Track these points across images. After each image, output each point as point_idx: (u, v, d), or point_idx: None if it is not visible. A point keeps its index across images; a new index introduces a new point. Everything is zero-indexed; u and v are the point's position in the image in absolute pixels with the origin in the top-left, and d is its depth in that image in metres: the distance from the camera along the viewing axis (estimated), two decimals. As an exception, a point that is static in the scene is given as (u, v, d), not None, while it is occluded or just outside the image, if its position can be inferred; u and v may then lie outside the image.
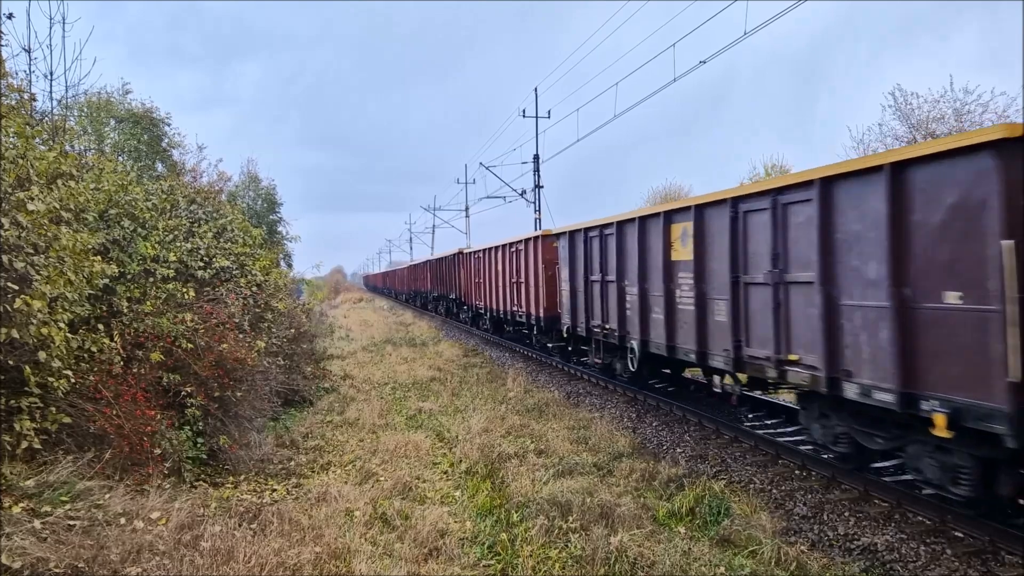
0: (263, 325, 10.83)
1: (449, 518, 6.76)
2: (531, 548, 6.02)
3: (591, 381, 14.95)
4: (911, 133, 21.51)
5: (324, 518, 6.50)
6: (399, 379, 15.92)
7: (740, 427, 9.97)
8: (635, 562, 5.65)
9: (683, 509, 6.99)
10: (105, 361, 6.82)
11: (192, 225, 10.21)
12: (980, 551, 5.90)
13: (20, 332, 5.35)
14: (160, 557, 5.05)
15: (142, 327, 7.58)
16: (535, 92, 31.82)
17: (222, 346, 8.21)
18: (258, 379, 9.30)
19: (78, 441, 6.38)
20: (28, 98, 7.36)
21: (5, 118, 5.95)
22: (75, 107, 14.73)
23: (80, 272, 6.19)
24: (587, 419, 11.34)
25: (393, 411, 12.29)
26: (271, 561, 5.26)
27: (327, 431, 10.65)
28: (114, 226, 8.06)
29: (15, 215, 5.47)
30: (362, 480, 7.99)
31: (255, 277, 10.97)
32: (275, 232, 26.37)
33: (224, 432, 8.13)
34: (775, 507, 7.29)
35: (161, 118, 17.73)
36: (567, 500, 6.95)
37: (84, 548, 4.85)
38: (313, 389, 13.45)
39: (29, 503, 5.25)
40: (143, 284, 8.04)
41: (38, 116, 8.95)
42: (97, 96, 16.68)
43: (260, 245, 12.77)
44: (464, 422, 11.03)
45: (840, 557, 6.02)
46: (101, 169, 8.78)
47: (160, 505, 5.91)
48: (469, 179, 50.96)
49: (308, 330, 16.48)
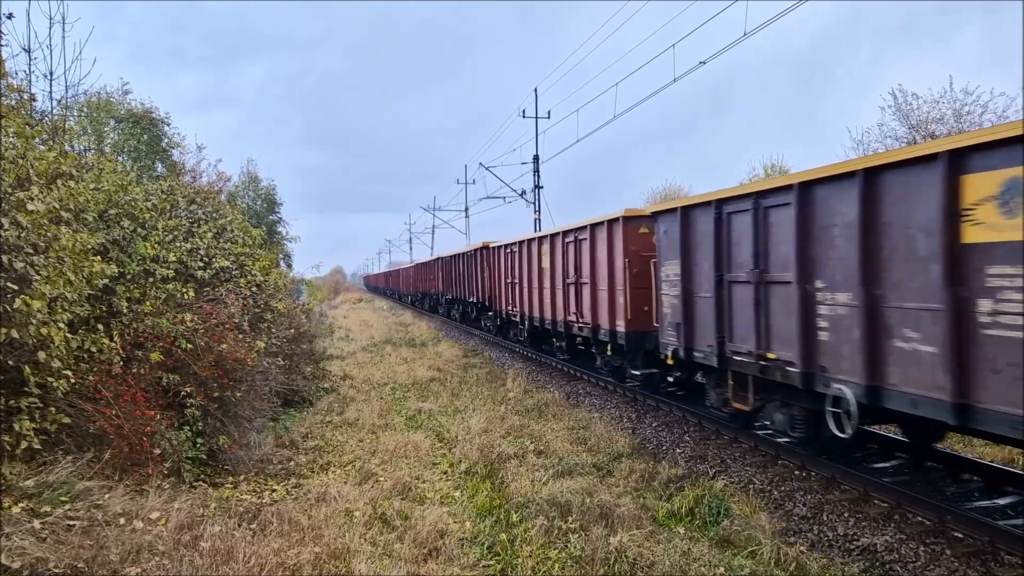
0: (263, 325, 10.83)
1: (449, 518, 6.76)
2: (531, 548, 6.02)
3: (591, 381, 14.93)
4: (911, 134, 21.52)
5: (324, 518, 6.49)
6: (399, 379, 15.92)
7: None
8: (635, 562, 5.65)
9: (683, 509, 7.00)
10: (105, 361, 6.82)
11: (192, 225, 10.22)
12: (979, 551, 5.89)
13: (20, 332, 5.35)
14: (160, 557, 5.04)
15: (142, 327, 7.58)
16: (535, 92, 31.88)
17: (222, 346, 8.21)
18: (258, 379, 9.30)
19: (78, 441, 6.38)
20: (28, 98, 7.37)
21: (5, 118, 5.95)
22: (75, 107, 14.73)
23: (80, 272, 6.19)
24: (587, 419, 11.34)
25: (393, 411, 12.29)
26: (271, 561, 5.26)
27: (327, 431, 10.66)
28: (114, 226, 8.06)
29: (15, 215, 5.47)
30: (362, 480, 7.99)
31: (255, 277, 10.97)
32: (275, 232, 26.38)
33: (224, 432, 8.13)
34: (775, 507, 7.29)
35: (161, 118, 17.73)
36: (567, 500, 6.96)
37: (84, 548, 4.85)
38: (313, 389, 13.45)
39: (29, 503, 5.25)
40: (143, 284, 8.04)
41: (38, 116, 8.95)
42: (97, 96, 16.67)
43: (260, 245, 12.77)
44: (464, 422, 11.03)
45: (840, 557, 6.02)
46: (101, 169, 8.78)
47: (160, 505, 5.91)
48: (469, 179, 51.02)
49: (308, 330, 16.49)
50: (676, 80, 16.69)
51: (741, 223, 8.62)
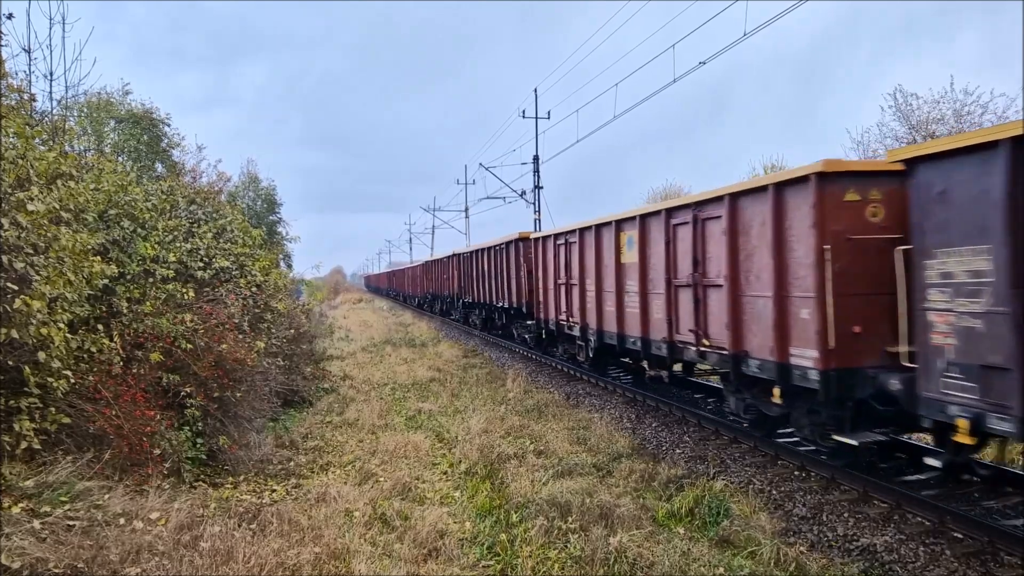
0: (263, 326, 10.84)
1: (448, 518, 6.76)
2: (530, 548, 6.02)
3: (591, 382, 14.95)
4: (911, 134, 21.52)
5: (323, 518, 6.50)
6: (399, 380, 15.92)
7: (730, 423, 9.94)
8: (634, 562, 5.65)
9: (682, 510, 7.00)
10: (105, 361, 6.82)
11: (192, 225, 10.22)
12: (979, 552, 5.90)
13: (20, 332, 5.36)
14: (159, 557, 5.05)
15: (142, 327, 7.59)
16: (535, 93, 31.88)
17: (222, 346, 8.21)
18: (257, 380, 9.30)
19: (77, 441, 6.38)
20: (28, 98, 7.37)
21: (5, 118, 5.95)
22: (75, 107, 14.73)
23: (80, 272, 6.19)
24: (586, 420, 11.35)
25: (392, 412, 12.29)
26: (270, 561, 5.26)
27: (327, 431, 10.66)
28: (114, 226, 8.07)
29: (15, 215, 5.48)
30: (361, 481, 7.99)
31: (255, 278, 10.98)
32: (275, 232, 26.39)
33: (224, 432, 8.13)
34: (774, 508, 7.29)
35: (161, 118, 17.73)
36: (566, 501, 6.96)
37: (83, 548, 4.85)
38: (313, 390, 13.45)
39: (29, 503, 5.25)
40: (143, 284, 8.04)
41: (38, 116, 8.95)
42: (97, 96, 16.68)
43: (260, 246, 12.78)
44: (464, 423, 11.03)
45: (839, 558, 6.02)
46: (101, 169, 8.79)
47: (159, 505, 5.92)
48: (469, 180, 50.94)
49: (308, 331, 16.49)
50: (676, 80, 16.70)
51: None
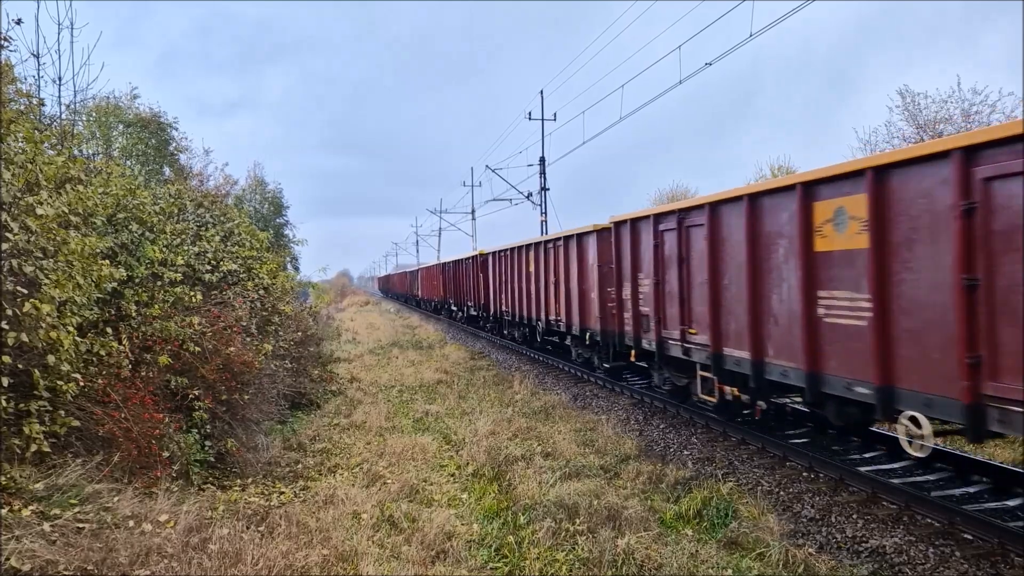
0: (270, 328, 10.87)
1: (456, 520, 6.76)
2: (538, 550, 6.01)
3: (598, 384, 14.93)
4: (918, 134, 21.45)
5: (331, 520, 6.50)
6: (406, 382, 15.94)
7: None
8: (642, 564, 5.64)
9: (690, 511, 6.98)
10: (113, 365, 6.85)
11: (199, 229, 10.27)
12: (989, 553, 5.86)
13: (29, 336, 5.38)
14: (168, 559, 5.06)
15: (150, 331, 7.62)
16: (541, 95, 31.92)
17: (229, 349, 8.24)
18: (265, 382, 9.33)
19: (87, 444, 6.40)
20: (37, 103, 7.41)
21: (14, 123, 5.99)
22: (83, 112, 14.81)
23: (88, 276, 6.22)
24: (594, 421, 11.33)
25: (400, 414, 12.30)
26: (279, 563, 5.27)
27: (334, 434, 10.67)
28: (122, 230, 8.10)
29: (24, 220, 5.51)
30: (369, 483, 8.00)
31: (262, 280, 11.01)
32: (282, 236, 26.48)
33: (231, 435, 8.16)
34: (783, 509, 7.27)
35: (168, 122, 17.84)
36: (574, 502, 6.95)
37: (93, 551, 4.87)
38: (320, 392, 13.48)
39: (38, 506, 5.27)
40: (151, 288, 8.07)
41: (47, 121, 9.01)
42: (105, 101, 16.78)
43: (267, 249, 12.82)
44: (471, 425, 11.03)
45: (848, 559, 5.99)
46: (109, 173, 8.82)
47: (168, 508, 5.93)
48: (475, 182, 51.02)
49: (315, 333, 16.54)
50: (682, 82, 16.66)
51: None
